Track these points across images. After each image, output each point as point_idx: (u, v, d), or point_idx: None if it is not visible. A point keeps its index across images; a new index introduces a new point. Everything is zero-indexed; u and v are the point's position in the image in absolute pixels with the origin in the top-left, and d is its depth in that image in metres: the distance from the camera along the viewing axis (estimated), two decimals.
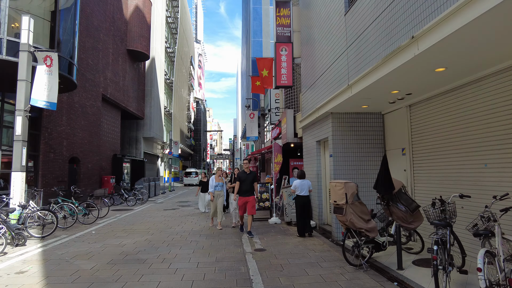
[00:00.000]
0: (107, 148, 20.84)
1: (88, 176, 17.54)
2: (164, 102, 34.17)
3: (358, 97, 6.08)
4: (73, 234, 7.94)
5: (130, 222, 9.86)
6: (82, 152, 16.85)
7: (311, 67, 9.20)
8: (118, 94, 21.95)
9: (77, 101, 16.32)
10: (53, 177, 14.00)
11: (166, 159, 39.10)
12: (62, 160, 14.81)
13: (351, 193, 4.79)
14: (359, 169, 7.29)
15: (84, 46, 17.00)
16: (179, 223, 9.64)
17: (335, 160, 7.23)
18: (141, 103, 27.30)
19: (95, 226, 9.06)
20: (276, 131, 13.03)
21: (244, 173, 7.85)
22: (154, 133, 29.23)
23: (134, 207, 14.20)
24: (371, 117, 7.46)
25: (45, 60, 8.72)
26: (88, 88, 17.52)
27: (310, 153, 9.12)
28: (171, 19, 39.37)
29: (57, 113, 14.45)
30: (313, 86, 8.89)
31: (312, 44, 9.13)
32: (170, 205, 15.07)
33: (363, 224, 4.77)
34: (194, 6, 78.71)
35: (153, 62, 29.90)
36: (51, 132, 13.93)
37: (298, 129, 10.72)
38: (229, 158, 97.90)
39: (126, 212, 12.31)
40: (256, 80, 13.81)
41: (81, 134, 16.72)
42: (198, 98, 64.09)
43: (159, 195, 21.13)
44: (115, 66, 21.58)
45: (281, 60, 10.51)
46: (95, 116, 18.48)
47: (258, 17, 31.44)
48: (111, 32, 20.84)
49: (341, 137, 7.32)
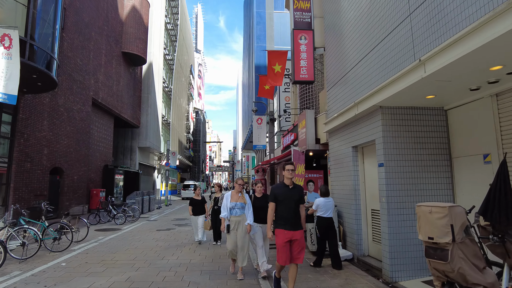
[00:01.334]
0: (97, 158, 18.88)
1: (73, 189, 15.53)
2: (162, 110, 32.39)
3: (430, 81, 4.23)
4: (32, 269, 5.94)
5: (112, 249, 7.85)
6: (67, 162, 14.89)
7: (340, 57, 7.40)
8: (111, 99, 20.13)
9: (62, 104, 14.45)
10: (29, 191, 12.00)
11: (163, 170, 37.05)
12: (41, 171, 12.84)
13: (461, 224, 2.88)
14: (418, 182, 5.39)
15: (72, 44, 15.25)
16: (174, 251, 7.64)
17: (388, 171, 5.32)
18: (137, 111, 25.47)
19: (67, 255, 7.05)
20: (289, 138, 11.17)
21: (283, 187, 4.51)
22: (151, 143, 27.31)
23: (123, 226, 12.17)
24: (429, 113, 5.60)
25: (2, 40, 6.88)
26: (75, 90, 15.69)
27: (342, 162, 7.22)
28: (170, 25, 38.00)
29: (37, 116, 12.57)
30: (344, 79, 7.07)
31: (341, 29, 7.36)
32: (164, 223, 13.04)
33: (479, 277, 2.84)
34: (195, 16, 77.85)
35: (151, 67, 28.24)
36: (28, 138, 12.00)
37: (320, 134, 8.85)
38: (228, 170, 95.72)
39: (112, 233, 10.28)
40: (265, 83, 12.06)
41: (66, 141, 14.79)
42: (197, 108, 62.42)
43: (154, 211, 19.07)
44: (108, 68, 19.83)
45: (300, 50, 8.73)
46: (83, 122, 16.59)
47: (262, 21, 30.00)
48: (104, 31, 19.16)
49: (394, 139, 5.44)
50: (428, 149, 5.50)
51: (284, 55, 9.99)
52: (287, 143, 11.32)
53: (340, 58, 7.40)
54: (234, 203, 5.47)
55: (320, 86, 10.38)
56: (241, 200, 5.50)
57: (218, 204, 8.15)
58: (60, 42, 14.06)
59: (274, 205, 4.50)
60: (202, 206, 8.63)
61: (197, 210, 8.59)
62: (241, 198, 5.52)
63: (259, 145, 14.44)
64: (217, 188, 8.54)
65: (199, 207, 8.61)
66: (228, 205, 5.47)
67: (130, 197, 15.63)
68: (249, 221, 5.33)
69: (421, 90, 4.70)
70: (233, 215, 5.44)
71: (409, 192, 5.33)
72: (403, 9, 4.79)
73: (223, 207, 5.54)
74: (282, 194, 4.44)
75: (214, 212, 8.32)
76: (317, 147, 8.80)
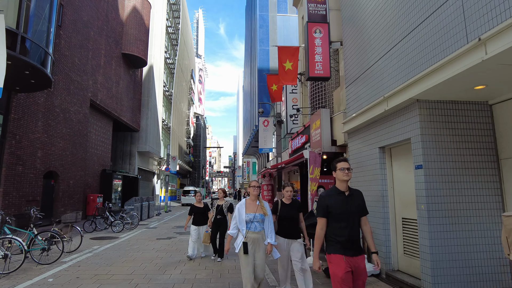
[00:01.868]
0: (94, 162, 18.12)
1: (69, 195, 14.75)
2: (162, 114, 31.71)
3: (489, 66, 3.53)
4: (13, 287, 5.15)
5: (108, 260, 7.07)
6: (62, 165, 14.13)
7: (362, 50, 6.74)
8: (110, 102, 19.44)
9: (58, 105, 13.75)
10: (20, 196, 11.23)
11: (162, 176, 36.24)
12: (34, 175, 12.08)
13: None
14: (462, 187, 4.65)
15: (70, 42, 14.60)
16: (177, 264, 6.86)
17: (428, 174, 4.59)
18: (137, 114, 24.78)
19: (56, 269, 6.27)
20: (299, 140, 10.45)
21: (337, 194, 3.11)
22: (150, 147, 26.57)
23: (120, 233, 11.37)
24: (472, 108, 4.90)
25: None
26: (73, 91, 15.00)
27: (365, 165, 6.49)
28: (171, 29, 37.53)
29: (31, 116, 11.85)
30: (368, 73, 6.39)
31: (362, 20, 6.71)
32: (164, 231, 12.24)
33: None
34: (195, 21, 77.65)
35: (151, 70, 27.62)
36: (20, 140, 11.27)
37: (337, 135, 8.12)
38: (228, 176, 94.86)
39: (109, 242, 9.49)
40: (272, 84, 11.39)
41: (61, 144, 14.06)
42: (197, 113, 61.79)
43: (153, 217, 18.26)
44: (108, 70, 19.18)
45: (315, 45, 8.05)
46: (80, 124, 15.87)
47: (264, 24, 29.48)
48: (104, 31, 18.55)
49: (434, 137, 4.72)
50: (472, 149, 4.78)
51: (296, 51, 9.33)
52: (296, 146, 10.61)
53: (362, 52, 6.72)
54: (251, 214, 4.02)
55: (333, 84, 9.70)
56: (260, 210, 4.08)
57: (224, 213, 7.02)
58: (57, 40, 13.42)
59: (325, 221, 3.08)
60: (205, 215, 7.43)
61: (199, 219, 7.35)
62: (260, 207, 4.10)
63: (265, 149, 13.69)
64: (220, 194, 7.28)
65: (201, 216, 7.38)
66: (244, 217, 4.03)
67: (128, 203, 14.85)
68: (271, 240, 4.04)
69: (473, 79, 4.00)
70: (253, 231, 3.98)
71: (452, 198, 4.60)
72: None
73: (237, 221, 4.10)
74: (338, 205, 3.03)
75: (216, 223, 7.05)
76: (333, 149, 8.08)
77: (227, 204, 7.07)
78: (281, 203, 4.73)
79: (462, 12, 3.87)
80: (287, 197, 4.73)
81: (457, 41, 3.91)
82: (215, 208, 7.10)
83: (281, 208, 4.67)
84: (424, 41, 4.56)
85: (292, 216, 4.59)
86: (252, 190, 4.19)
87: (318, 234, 3.09)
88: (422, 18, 4.61)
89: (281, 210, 4.66)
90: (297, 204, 4.77)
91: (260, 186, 4.37)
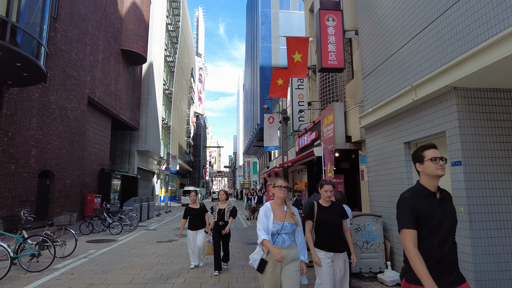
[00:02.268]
0: (92, 161, 17.53)
1: (65, 195, 14.17)
2: (162, 113, 31.11)
3: None
4: None
5: (105, 267, 6.49)
6: (58, 164, 13.55)
7: (381, 38, 6.18)
8: (109, 99, 18.85)
9: (54, 101, 13.17)
10: (12, 196, 10.65)
11: (162, 175, 35.66)
12: (28, 174, 11.50)
13: None
14: (505, 187, 4.08)
15: (66, 36, 14.01)
16: (180, 271, 6.28)
17: (468, 171, 4.02)
18: (136, 112, 24.19)
19: (46, 277, 5.69)
20: (308, 137, 9.88)
21: (429, 196, 2.13)
22: (150, 147, 25.97)
23: (119, 236, 10.80)
24: (508, 97, 4.32)
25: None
26: (69, 87, 14.41)
27: (388, 163, 5.91)
28: (171, 26, 36.94)
29: (24, 113, 11.27)
30: (389, 62, 5.83)
31: (382, 5, 6.13)
32: (165, 233, 11.66)
33: None
34: (196, 19, 77.02)
35: (151, 68, 27.03)
36: (13, 137, 10.69)
37: (351, 131, 7.54)
38: (228, 176, 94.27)
39: (106, 246, 8.91)
40: (278, 77, 10.83)
41: (57, 142, 13.47)
42: (198, 112, 61.21)
43: (153, 218, 17.68)
44: (106, 66, 18.59)
45: (328, 33, 7.49)
46: (78, 121, 15.28)
47: (267, 21, 28.91)
48: (102, 26, 17.96)
49: (474, 130, 4.15)
50: None
51: (305, 42, 8.76)
52: (305, 143, 10.05)
53: (382, 39, 6.16)
54: (279, 224, 3.00)
55: (345, 77, 9.13)
56: (290, 218, 3.06)
57: (225, 219, 5.99)
58: (53, 33, 12.84)
59: (415, 233, 2.02)
60: (201, 217, 6.40)
61: (196, 222, 6.33)
62: (289, 215, 3.08)
63: (271, 147, 13.10)
64: (222, 195, 6.18)
65: (197, 219, 6.35)
66: (270, 227, 2.99)
67: (127, 204, 14.27)
68: (303, 257, 3.10)
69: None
70: (277, 246, 2.96)
71: (497, 199, 4.02)
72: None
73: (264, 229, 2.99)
74: (432, 212, 2.06)
75: (218, 230, 5.97)
76: (347, 146, 7.50)
77: (230, 207, 6.10)
78: (317, 206, 3.70)
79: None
80: (325, 199, 3.71)
81: (506, 19, 3.34)
82: (216, 213, 6.03)
83: (319, 212, 3.66)
84: (464, 19, 3.99)
85: (334, 223, 3.63)
86: (279, 191, 3.11)
87: (411, 252, 1.96)
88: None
89: (319, 215, 3.65)
90: (339, 207, 3.81)
91: (288, 186, 3.23)
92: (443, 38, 4.38)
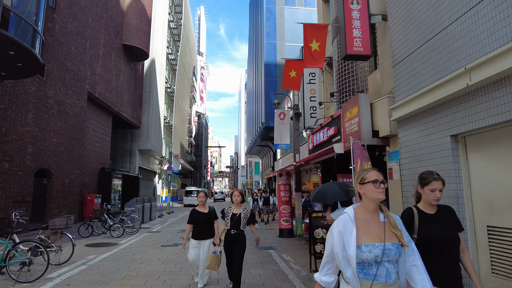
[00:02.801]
0: (92, 159, 16.83)
1: (64, 195, 13.46)
2: (163, 112, 30.41)
3: None
4: None
5: (105, 276, 5.78)
6: (56, 163, 12.85)
7: (419, 19, 5.47)
8: (110, 95, 18.15)
9: (52, 96, 12.47)
10: (6, 196, 9.95)
11: (164, 175, 34.98)
12: (24, 173, 10.80)
13: None
14: None
15: (65, 28, 13.32)
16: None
17: None
18: (138, 110, 23.49)
19: None
20: (324, 133, 9.17)
21: None
22: (152, 145, 25.28)
23: (120, 239, 10.10)
24: None
25: None
26: (69, 81, 13.72)
27: (428, 159, 5.19)
28: (173, 23, 36.28)
29: (20, 107, 10.58)
30: (428, 46, 5.12)
31: None
32: (169, 236, 10.95)
33: None
34: (197, 18, 76.38)
35: (153, 65, 26.35)
36: (6, 133, 9.99)
37: (379, 125, 6.81)
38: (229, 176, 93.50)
39: (106, 250, 8.20)
40: (291, 69, 10.11)
41: (55, 139, 12.77)
42: (199, 112, 60.52)
43: (155, 219, 16.97)
44: (107, 61, 17.89)
45: (352, 18, 6.78)
46: (77, 118, 14.59)
47: (272, 17, 28.18)
48: (103, 20, 17.27)
49: None
50: None
51: (324, 29, 8.03)
52: (320, 140, 9.34)
53: (419, 21, 5.44)
54: (376, 247, 1.74)
55: (365, 68, 8.41)
56: (393, 237, 1.80)
57: (240, 227, 4.70)
58: (51, 24, 12.15)
59: None
60: (209, 224, 5.15)
61: (202, 230, 5.08)
62: (388, 228, 1.82)
63: (281, 144, 12.37)
64: (238, 198, 4.82)
65: (204, 226, 5.09)
66: (353, 252, 1.72)
67: (129, 205, 13.56)
68: None
69: None
70: (379, 282, 1.72)
71: None
72: None
73: (338, 261, 1.77)
74: None
75: (230, 240, 4.72)
76: (374, 141, 6.79)
77: (247, 212, 4.80)
78: (418, 213, 2.35)
79: None
80: (431, 202, 2.32)
81: None
82: (229, 219, 4.72)
83: (422, 226, 2.30)
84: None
85: (447, 239, 2.25)
86: (374, 190, 1.83)
87: None
88: None
89: (421, 229, 2.29)
90: (450, 212, 2.40)
91: (384, 181, 1.87)
92: (507, 11, 3.66)
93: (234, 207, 4.86)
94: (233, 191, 4.93)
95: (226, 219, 4.78)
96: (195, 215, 5.13)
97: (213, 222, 5.21)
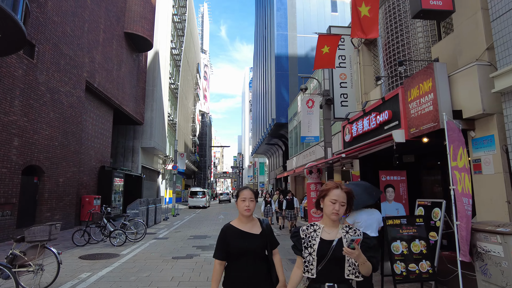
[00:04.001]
0: (91, 157, 15.21)
1: (58, 196, 11.83)
2: (167, 109, 28.78)
3: None
4: None
5: None
6: (49, 159, 11.22)
7: None
8: (110, 87, 16.54)
9: (43, 82, 10.85)
10: None
11: (168, 175, 33.36)
12: (8, 170, 9.18)
13: None
14: None
15: (60, 6, 11.72)
16: None
17: None
18: (141, 105, 21.88)
19: None
20: (371, 121, 7.51)
21: None
22: (156, 143, 23.65)
23: (122, 248, 8.47)
24: None
25: None
26: (63, 67, 12.10)
27: None
28: (177, 17, 34.70)
29: (3, 92, 8.99)
30: None
31: None
32: (180, 244, 9.31)
33: None
34: (201, 15, 74.84)
35: (157, 57, 24.75)
36: None
37: (462, 103, 5.15)
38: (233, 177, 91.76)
39: (105, 264, 6.57)
40: (324, 45, 8.52)
41: (48, 131, 11.15)
42: (203, 110, 58.90)
43: (161, 223, 15.35)
44: (107, 49, 16.29)
45: None
46: (73, 109, 12.97)
47: (282, 7, 26.55)
48: (103, 3, 15.69)
49: None
50: None
51: None
52: (365, 129, 7.69)
53: None
54: None
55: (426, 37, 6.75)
56: None
57: (345, 275, 1.94)
58: None
59: None
60: (264, 261, 2.33)
61: (249, 274, 2.24)
62: None
63: (309, 137, 10.70)
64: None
65: (254, 264, 2.26)
66: None
67: (131, 207, 11.93)
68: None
69: None
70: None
71: None
72: None
73: None
74: None
75: None
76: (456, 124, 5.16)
77: (351, 238, 1.84)
78: None
79: None
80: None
81: None
82: (315, 253, 1.96)
83: None
84: None
85: None
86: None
87: None
88: None
89: None
90: None
91: None
92: None
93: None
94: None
95: (307, 255, 2.01)
96: (233, 240, 2.27)
97: (272, 253, 2.38)
